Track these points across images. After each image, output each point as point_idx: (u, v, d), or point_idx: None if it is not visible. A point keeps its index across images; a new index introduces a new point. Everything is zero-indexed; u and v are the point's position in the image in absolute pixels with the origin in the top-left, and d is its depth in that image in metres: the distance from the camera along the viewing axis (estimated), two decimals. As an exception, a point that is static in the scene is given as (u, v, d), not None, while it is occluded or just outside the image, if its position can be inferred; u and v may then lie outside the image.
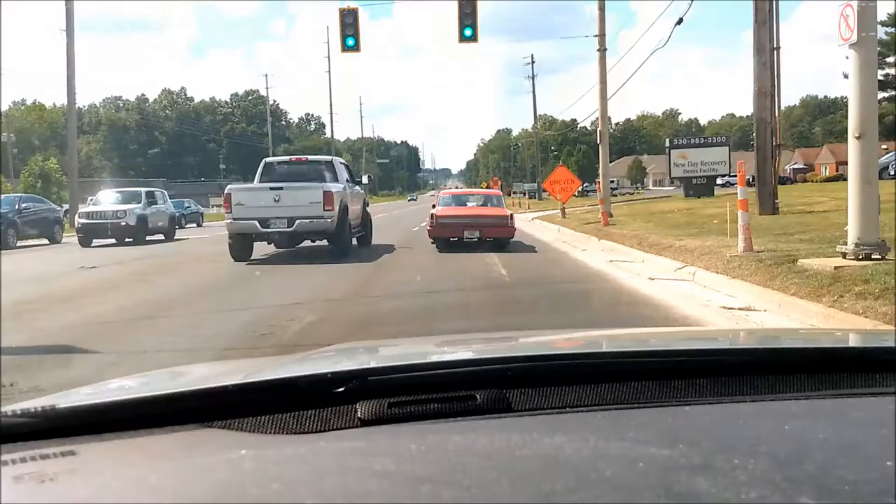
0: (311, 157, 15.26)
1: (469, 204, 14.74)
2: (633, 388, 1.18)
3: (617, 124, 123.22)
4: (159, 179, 75.06)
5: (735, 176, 11.52)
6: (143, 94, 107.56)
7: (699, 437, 0.96)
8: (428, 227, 13.73)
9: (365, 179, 16.78)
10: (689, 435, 0.96)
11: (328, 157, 14.45)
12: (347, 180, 13.68)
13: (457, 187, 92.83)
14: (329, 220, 11.59)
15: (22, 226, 18.80)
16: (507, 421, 1.08)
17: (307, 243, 12.89)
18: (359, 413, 1.09)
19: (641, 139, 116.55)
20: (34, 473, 0.89)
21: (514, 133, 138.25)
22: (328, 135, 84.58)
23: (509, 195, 67.75)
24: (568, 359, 1.42)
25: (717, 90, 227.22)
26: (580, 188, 76.40)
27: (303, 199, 11.56)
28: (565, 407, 1.13)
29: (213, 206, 58.25)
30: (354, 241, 13.43)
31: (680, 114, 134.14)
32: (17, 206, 19.02)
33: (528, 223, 23.75)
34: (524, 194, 58.77)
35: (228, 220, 11.78)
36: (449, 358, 1.57)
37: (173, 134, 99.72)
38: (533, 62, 58.68)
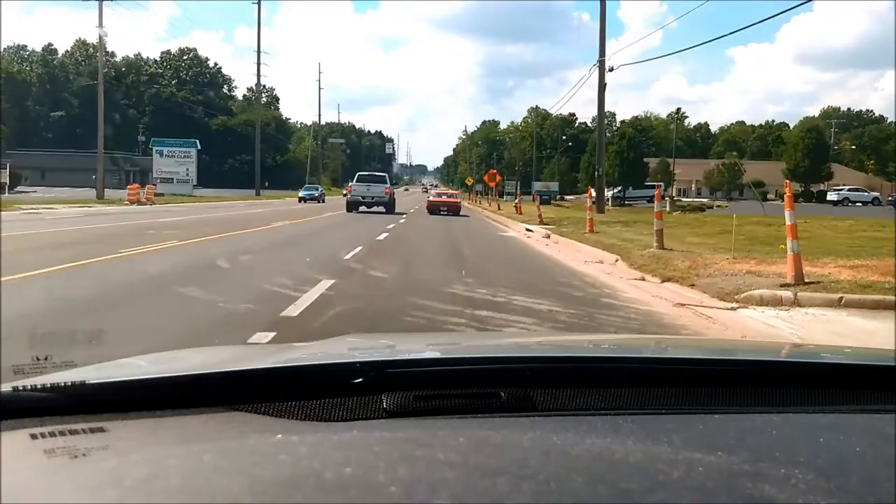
0: (377, 173, 36.03)
1: (443, 197, 35.52)
2: (657, 393, 1.19)
3: (623, 121, 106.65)
4: (8, 152, 55.86)
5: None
6: (50, 44, 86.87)
7: (735, 445, 0.95)
8: (426, 206, 34.19)
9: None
10: (724, 443, 0.95)
11: (383, 173, 36.87)
12: (391, 181, 35.49)
13: (433, 185, 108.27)
14: (387, 198, 30.81)
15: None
16: (535, 420, 1.07)
17: (375, 208, 30.78)
18: (384, 404, 1.08)
19: (650, 140, 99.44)
20: (65, 448, 0.89)
21: (503, 126, 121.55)
22: (281, 110, 68.77)
23: (501, 196, 52.24)
24: (592, 362, 1.42)
25: (709, 99, 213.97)
26: (616, 194, 57.74)
27: (378, 190, 30.94)
28: (590, 409, 1.13)
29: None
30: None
31: (687, 117, 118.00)
32: None
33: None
34: (513, 196, 39.91)
35: (348, 196, 31.62)
36: (471, 354, 1.58)
37: (86, 95, 79.80)
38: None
